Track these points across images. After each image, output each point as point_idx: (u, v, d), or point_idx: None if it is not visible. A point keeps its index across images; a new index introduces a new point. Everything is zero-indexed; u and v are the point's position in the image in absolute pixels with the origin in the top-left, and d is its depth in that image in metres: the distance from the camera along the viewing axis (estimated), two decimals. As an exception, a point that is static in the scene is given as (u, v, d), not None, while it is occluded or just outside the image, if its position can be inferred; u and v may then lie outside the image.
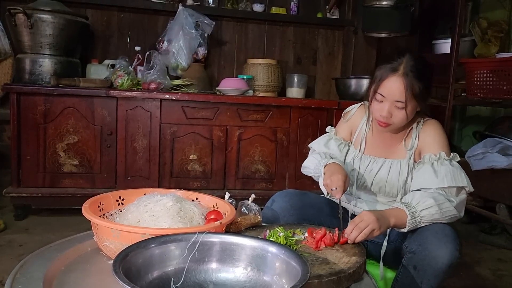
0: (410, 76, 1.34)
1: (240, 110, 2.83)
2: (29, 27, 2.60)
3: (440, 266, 1.23)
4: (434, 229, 1.29)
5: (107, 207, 1.30)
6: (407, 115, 1.39)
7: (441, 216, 1.29)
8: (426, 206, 1.29)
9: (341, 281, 1.05)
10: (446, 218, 1.31)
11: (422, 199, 1.30)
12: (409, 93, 1.34)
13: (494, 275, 2.26)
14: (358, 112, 1.60)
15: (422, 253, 1.26)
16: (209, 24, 3.05)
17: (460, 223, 3.10)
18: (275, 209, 1.52)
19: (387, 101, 1.38)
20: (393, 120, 1.39)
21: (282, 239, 1.18)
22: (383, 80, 1.37)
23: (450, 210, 1.30)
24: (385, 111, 1.38)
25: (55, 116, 2.60)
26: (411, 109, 1.39)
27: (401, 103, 1.36)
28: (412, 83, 1.34)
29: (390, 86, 1.36)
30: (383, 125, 1.41)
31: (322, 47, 3.62)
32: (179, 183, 2.75)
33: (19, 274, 1.02)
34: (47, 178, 2.63)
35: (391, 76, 1.36)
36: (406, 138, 1.48)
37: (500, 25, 3.09)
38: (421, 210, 1.29)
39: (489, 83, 2.73)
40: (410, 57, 1.37)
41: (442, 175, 1.34)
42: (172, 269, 0.96)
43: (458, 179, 1.35)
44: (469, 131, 3.48)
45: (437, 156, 1.39)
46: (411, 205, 1.30)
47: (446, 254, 1.23)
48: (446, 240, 1.25)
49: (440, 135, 1.44)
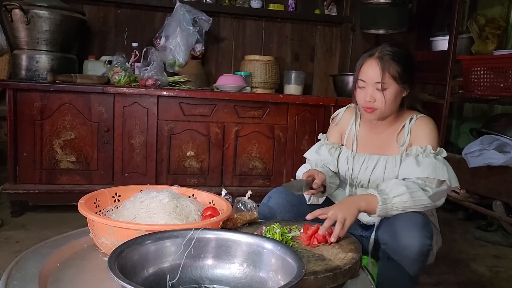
0: (386, 59, 1.39)
1: (237, 107, 2.83)
2: (26, 23, 2.59)
3: (411, 255, 1.25)
4: (403, 219, 1.31)
5: (103, 203, 1.30)
6: (390, 98, 1.41)
7: (413, 204, 1.30)
8: (398, 193, 1.30)
9: (337, 277, 1.05)
10: (418, 207, 1.32)
11: (395, 187, 1.32)
12: (386, 74, 1.38)
13: (490, 272, 2.27)
14: (346, 114, 1.63)
15: (393, 244, 1.29)
16: (206, 21, 3.04)
17: (456, 220, 3.11)
18: (272, 206, 1.52)
19: (368, 86, 1.42)
20: (377, 104, 1.42)
21: (278, 235, 1.18)
22: (361, 66, 1.44)
23: (423, 199, 1.31)
24: (368, 95, 1.42)
25: (51, 113, 2.59)
26: (393, 91, 1.41)
27: (380, 84, 1.39)
28: (388, 65, 1.38)
29: (368, 70, 1.41)
30: (369, 110, 1.43)
31: (320, 44, 3.62)
32: (176, 179, 2.75)
33: (15, 270, 1.02)
34: (44, 175, 2.63)
35: (367, 60, 1.42)
36: (399, 135, 1.49)
37: (498, 22, 3.09)
38: (393, 197, 1.30)
39: (487, 80, 2.73)
40: (386, 44, 1.44)
41: (424, 166, 1.36)
42: (168, 265, 0.96)
43: (439, 172, 1.36)
44: (466, 128, 3.49)
45: (423, 149, 1.40)
46: (383, 192, 1.32)
47: (415, 242, 1.25)
48: (415, 229, 1.27)
49: (431, 130, 1.45)
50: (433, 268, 2.25)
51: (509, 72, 2.58)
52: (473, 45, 3.16)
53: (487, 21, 3.12)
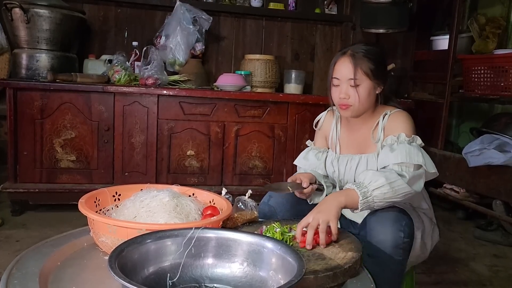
0: (358, 56, 1.42)
1: (237, 106, 2.83)
2: (26, 21, 2.59)
3: (387, 249, 1.26)
4: (375, 215, 1.32)
5: (103, 202, 1.29)
6: (363, 94, 1.42)
7: (394, 194, 1.28)
8: (378, 186, 1.28)
9: (337, 276, 1.05)
10: (399, 196, 1.29)
11: (374, 178, 1.29)
12: (359, 70, 1.41)
13: (489, 271, 2.27)
14: (327, 117, 1.66)
15: (370, 240, 1.30)
16: (206, 20, 3.04)
17: (456, 219, 3.11)
18: (272, 205, 1.53)
19: (342, 83, 1.44)
20: (351, 100, 1.43)
21: (279, 234, 1.18)
22: (335, 64, 1.47)
23: (402, 187, 1.29)
24: (342, 92, 1.44)
25: (52, 112, 2.59)
26: (366, 87, 1.42)
27: (353, 81, 1.42)
28: (360, 62, 1.41)
29: (341, 67, 1.44)
30: (344, 107, 1.45)
31: (320, 43, 3.62)
32: (176, 179, 2.75)
33: (15, 269, 1.02)
34: (44, 174, 2.63)
35: (340, 58, 1.46)
36: (374, 131, 1.49)
37: (498, 22, 3.09)
38: (373, 189, 1.28)
39: (487, 80, 2.73)
40: (359, 43, 1.48)
41: (398, 152, 1.35)
42: (168, 264, 0.95)
43: (414, 157, 1.34)
44: (466, 127, 3.49)
45: (396, 137, 1.40)
46: (362, 185, 1.30)
47: (389, 237, 1.26)
48: (387, 224, 1.28)
49: (404, 121, 1.44)
50: (433, 267, 2.25)
51: (509, 71, 2.58)
52: (473, 44, 3.15)
53: (488, 20, 3.12)
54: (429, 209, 1.52)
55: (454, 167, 2.78)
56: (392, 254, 1.27)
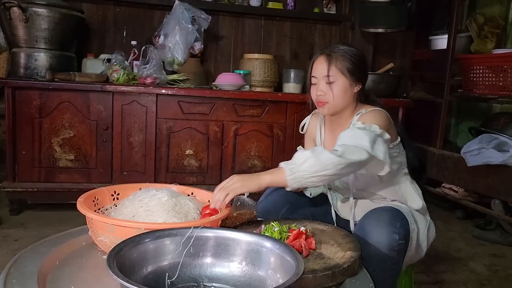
0: (334, 55, 1.46)
1: (236, 105, 2.83)
2: (24, 21, 2.58)
3: (382, 251, 1.26)
4: (370, 217, 1.32)
5: (102, 201, 1.29)
6: (338, 91, 1.45)
7: (322, 166, 1.21)
8: (304, 159, 1.23)
9: (335, 276, 1.05)
10: (329, 167, 1.22)
11: (301, 155, 1.25)
12: (333, 68, 1.44)
13: (488, 270, 2.28)
14: (311, 121, 1.67)
15: (364, 242, 1.29)
16: (205, 19, 3.04)
17: (455, 218, 3.11)
18: (271, 204, 1.53)
19: (319, 80, 1.48)
20: (327, 97, 1.46)
21: (277, 233, 1.18)
22: (312, 64, 1.51)
23: (329, 157, 1.22)
24: (319, 89, 1.47)
25: (50, 111, 2.59)
26: (341, 84, 1.45)
27: (328, 77, 1.44)
28: (335, 60, 1.45)
29: (317, 65, 1.48)
30: (320, 104, 1.48)
31: (319, 43, 3.62)
32: (175, 178, 2.75)
33: (13, 268, 1.02)
34: (43, 173, 2.62)
35: (317, 58, 1.50)
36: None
37: (497, 21, 3.09)
38: (300, 164, 1.23)
39: (485, 79, 2.73)
40: (338, 44, 1.52)
41: (344, 135, 1.32)
42: (166, 263, 0.95)
43: (356, 139, 1.28)
44: (465, 127, 3.49)
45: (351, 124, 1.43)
46: (290, 162, 1.26)
47: (383, 239, 1.26)
48: (381, 226, 1.27)
49: (373, 117, 1.41)
50: (432, 266, 2.26)
51: (508, 71, 2.58)
52: (472, 44, 3.15)
53: (486, 20, 3.12)
54: (422, 208, 1.50)
55: (453, 166, 2.78)
56: (386, 256, 1.27)
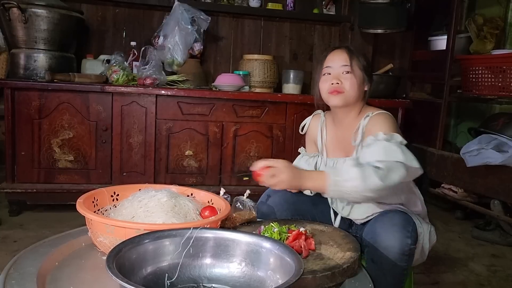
0: (351, 49, 1.47)
1: (236, 106, 2.83)
2: (24, 21, 2.58)
3: (393, 256, 1.25)
4: (382, 220, 1.30)
5: (101, 202, 1.29)
6: (356, 82, 1.43)
7: (367, 189, 1.22)
8: (350, 178, 1.23)
9: (335, 276, 1.05)
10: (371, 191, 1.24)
11: (350, 170, 1.25)
12: (354, 59, 1.43)
13: (488, 271, 2.28)
14: (312, 122, 1.65)
15: (374, 245, 1.28)
16: (205, 20, 3.04)
17: (454, 219, 3.11)
18: (270, 204, 1.53)
19: (334, 70, 1.44)
20: (344, 86, 1.43)
21: (276, 234, 1.18)
22: (326, 57, 1.48)
23: (375, 183, 1.22)
24: (335, 78, 1.44)
25: (50, 112, 2.59)
26: (359, 76, 1.44)
27: (348, 67, 1.42)
28: (355, 54, 1.45)
29: (334, 57, 1.46)
30: (335, 93, 1.43)
31: (318, 43, 3.62)
32: (175, 179, 2.75)
33: (13, 269, 1.02)
34: (42, 174, 2.62)
35: (333, 51, 1.48)
36: (355, 133, 1.47)
37: (496, 22, 3.10)
38: (345, 180, 1.24)
39: (485, 80, 2.73)
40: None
41: (375, 150, 1.31)
42: (166, 264, 0.95)
43: (391, 154, 1.28)
44: (464, 127, 3.49)
45: (375, 136, 1.36)
46: (337, 173, 1.26)
47: (395, 243, 1.25)
48: (394, 230, 1.26)
49: (384, 122, 1.41)
50: (431, 267, 2.26)
51: (507, 71, 2.59)
52: (471, 44, 3.16)
53: (485, 20, 3.12)
54: (423, 212, 1.50)
55: (452, 167, 2.78)
56: (397, 261, 1.25)
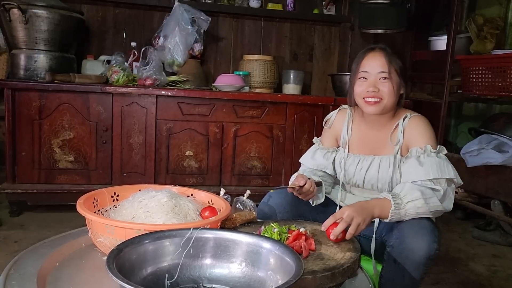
0: (388, 52, 1.41)
1: (236, 106, 2.83)
2: (24, 22, 2.58)
3: (418, 259, 1.25)
4: (410, 222, 1.30)
5: (102, 203, 1.29)
6: (394, 89, 1.40)
7: (427, 210, 1.29)
8: (413, 199, 1.29)
9: (335, 276, 1.05)
10: (431, 213, 1.31)
11: (410, 191, 1.30)
12: (391, 65, 1.39)
13: (488, 271, 2.27)
14: (338, 116, 1.62)
15: (400, 246, 1.28)
16: (205, 20, 3.04)
17: (455, 219, 3.11)
18: (272, 205, 1.53)
19: (371, 76, 1.41)
20: (381, 94, 1.40)
21: (276, 235, 1.18)
22: (363, 59, 1.43)
23: (436, 205, 1.30)
24: (372, 85, 1.40)
25: (50, 112, 2.59)
26: (396, 82, 1.41)
27: (385, 73, 1.39)
28: (393, 58, 1.40)
29: (371, 61, 1.42)
30: (372, 102, 1.41)
31: (318, 44, 3.62)
32: (175, 179, 2.75)
33: (13, 270, 1.02)
34: (42, 174, 2.62)
35: (370, 53, 1.43)
36: (393, 134, 1.47)
37: (496, 22, 3.10)
38: (407, 202, 1.28)
39: (485, 80, 2.73)
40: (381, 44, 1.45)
41: (428, 167, 1.34)
42: (166, 265, 0.95)
43: (444, 170, 1.34)
44: (465, 127, 3.49)
45: (423, 149, 1.38)
46: (398, 196, 1.30)
47: (423, 246, 1.24)
48: (423, 233, 1.26)
49: (426, 129, 1.43)
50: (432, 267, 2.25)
51: (507, 71, 2.58)
52: (471, 44, 3.16)
53: (486, 20, 3.12)
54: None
55: (452, 167, 2.78)
56: (421, 264, 1.25)
